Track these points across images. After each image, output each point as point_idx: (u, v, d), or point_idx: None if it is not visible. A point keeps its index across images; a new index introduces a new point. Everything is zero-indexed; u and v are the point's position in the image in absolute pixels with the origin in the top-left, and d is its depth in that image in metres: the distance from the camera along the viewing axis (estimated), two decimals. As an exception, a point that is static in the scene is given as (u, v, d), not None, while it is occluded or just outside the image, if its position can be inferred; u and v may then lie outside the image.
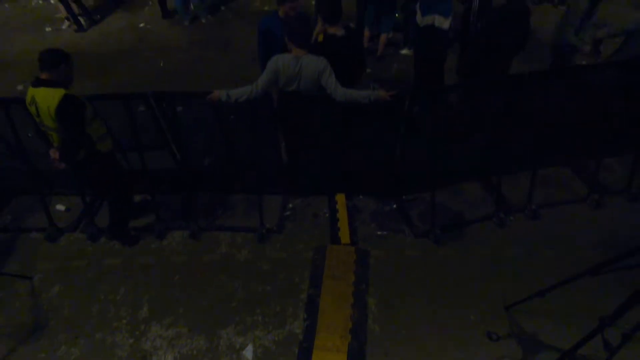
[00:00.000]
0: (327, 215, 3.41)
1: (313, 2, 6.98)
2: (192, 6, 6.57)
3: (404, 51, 5.50)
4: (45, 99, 2.38)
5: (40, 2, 7.60)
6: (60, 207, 3.62)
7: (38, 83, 2.43)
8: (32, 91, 2.45)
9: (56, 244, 3.32)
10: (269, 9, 6.82)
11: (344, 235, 3.20)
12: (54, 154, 2.55)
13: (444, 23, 3.39)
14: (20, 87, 5.32)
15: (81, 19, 6.62)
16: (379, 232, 3.27)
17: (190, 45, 6.08)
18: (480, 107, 3.49)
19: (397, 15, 5.65)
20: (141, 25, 6.70)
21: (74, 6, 6.47)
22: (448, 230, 3.25)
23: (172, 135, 3.19)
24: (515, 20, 3.37)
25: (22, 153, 3.26)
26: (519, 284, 2.73)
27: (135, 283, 2.98)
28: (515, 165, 3.61)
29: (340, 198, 3.50)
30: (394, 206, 3.49)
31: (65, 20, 6.72)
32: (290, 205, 3.54)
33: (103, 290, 2.95)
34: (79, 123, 2.46)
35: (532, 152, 3.34)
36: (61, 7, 6.47)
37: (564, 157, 3.76)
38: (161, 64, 5.64)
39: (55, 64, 2.40)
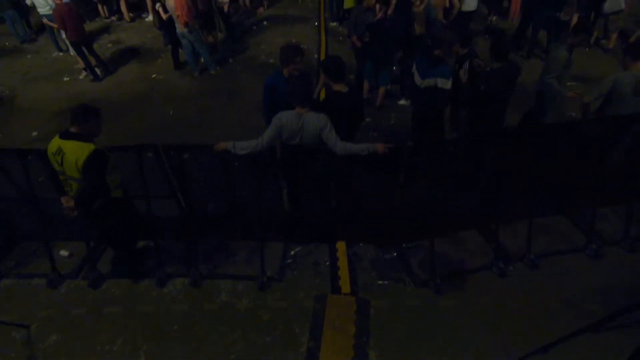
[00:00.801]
0: (327, 263, 3.44)
1: (315, 56, 7.51)
2: (202, 59, 7.02)
3: (402, 102, 5.79)
4: (74, 151, 2.50)
5: (61, 54, 8.15)
6: (63, 252, 3.66)
7: (67, 136, 2.57)
8: (59, 142, 2.57)
9: (57, 291, 3.32)
10: (274, 61, 7.28)
11: (345, 284, 3.21)
12: (68, 202, 2.62)
13: (447, 84, 3.55)
14: (34, 134, 5.57)
15: (97, 70, 7.07)
16: (379, 282, 3.28)
17: (199, 95, 6.43)
18: (477, 158, 3.63)
19: (394, 68, 6.04)
20: (153, 75, 7.12)
21: (91, 58, 6.94)
22: (448, 280, 3.25)
23: (178, 184, 3.32)
24: (511, 80, 3.62)
25: (33, 199, 3.37)
26: (521, 336, 2.70)
27: (134, 334, 2.95)
28: (513, 213, 3.68)
29: (341, 246, 3.55)
30: (394, 254, 3.52)
31: (83, 71, 7.17)
32: (292, 253, 3.57)
33: (100, 341, 2.91)
34: (103, 175, 2.60)
35: (529, 201, 3.43)
36: (79, 58, 6.94)
37: (560, 206, 3.84)
38: (170, 112, 5.92)
39: (86, 119, 2.56)
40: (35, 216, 3.50)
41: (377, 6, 5.12)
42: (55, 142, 2.59)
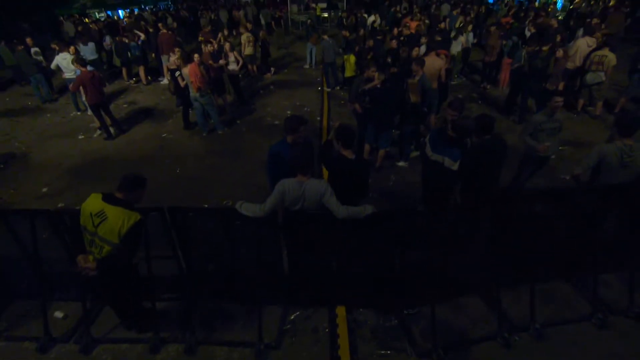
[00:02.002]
0: (327, 330, 3.35)
1: (318, 119, 7.93)
2: (211, 120, 7.43)
3: (401, 163, 6.01)
4: (119, 217, 2.56)
5: (79, 113, 8.67)
6: (58, 314, 3.59)
7: (113, 201, 2.64)
8: (103, 205, 2.62)
9: (47, 356, 3.21)
10: (279, 123, 7.69)
11: (344, 353, 3.10)
12: (86, 262, 2.61)
13: (453, 165, 3.65)
14: (44, 190, 5.74)
15: (111, 129, 7.46)
16: (380, 351, 3.16)
17: (207, 154, 6.70)
18: (473, 224, 3.69)
19: (393, 131, 6.35)
20: (164, 135, 7.50)
21: (106, 118, 7.37)
22: (451, 350, 3.14)
23: (179, 243, 3.36)
24: (497, 153, 3.80)
25: (36, 257, 3.39)
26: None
27: (122, 405, 2.80)
28: (513, 278, 3.65)
29: (341, 311, 3.48)
30: (395, 321, 3.43)
31: (98, 130, 7.57)
32: (291, 317, 3.49)
33: (86, 413, 2.76)
34: (140, 242, 2.70)
35: (529, 266, 3.43)
36: (96, 118, 7.37)
37: (561, 272, 3.81)
38: (177, 170, 6.14)
39: (134, 187, 2.68)
40: (32, 275, 3.50)
41: (376, 75, 5.53)
42: (98, 204, 2.63)
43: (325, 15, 19.44)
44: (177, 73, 7.07)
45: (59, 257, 3.42)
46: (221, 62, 8.05)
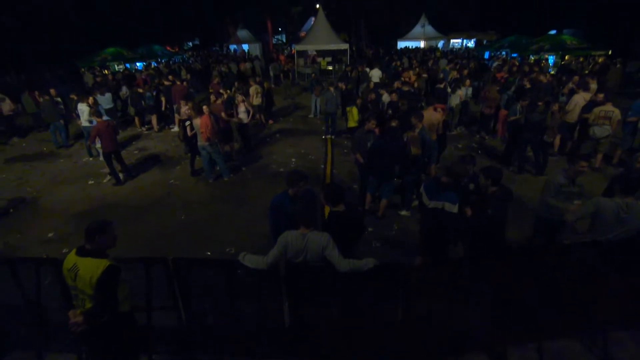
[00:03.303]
0: (327, 389, 3.21)
1: (322, 166, 8.14)
2: (217, 167, 7.66)
3: (403, 212, 6.07)
4: (89, 269, 2.60)
5: (91, 159, 8.99)
6: (53, 366, 3.50)
7: (83, 252, 2.70)
8: (75, 259, 2.69)
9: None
10: (284, 170, 7.90)
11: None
12: (75, 317, 2.59)
13: (453, 208, 3.74)
14: (50, 235, 5.81)
15: (121, 175, 7.69)
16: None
17: (211, 200, 6.83)
18: (480, 277, 3.66)
19: (395, 180, 6.50)
20: (171, 181, 7.70)
21: (117, 164, 7.62)
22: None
23: (181, 295, 3.35)
24: (506, 202, 3.89)
25: (37, 306, 3.38)
26: None
27: None
28: (520, 334, 3.54)
29: (342, 368, 3.35)
30: (399, 380, 3.29)
31: (108, 175, 7.80)
32: (290, 374, 3.37)
33: None
34: (115, 290, 2.66)
35: (536, 322, 3.34)
36: (107, 164, 7.62)
37: (571, 328, 3.70)
38: (182, 217, 6.23)
39: (98, 235, 2.71)
40: (30, 324, 3.46)
41: (377, 130, 5.79)
42: (72, 259, 2.70)
43: (330, 68, 20.61)
44: (187, 122, 7.44)
45: (58, 306, 3.41)
46: (234, 120, 8.54)
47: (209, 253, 5.17)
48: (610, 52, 16.84)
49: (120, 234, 2.81)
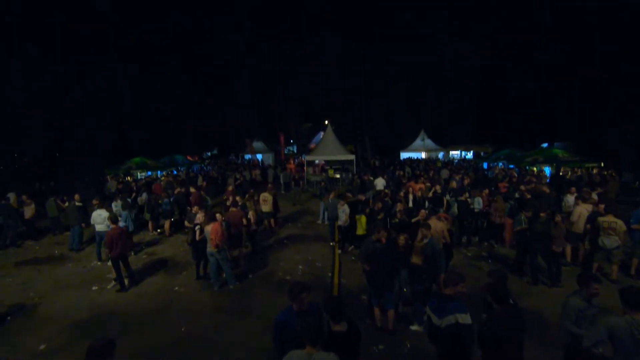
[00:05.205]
0: None
1: (330, 274, 7.99)
2: (224, 274, 7.57)
3: (414, 327, 5.70)
4: None
5: (99, 263, 9.04)
6: None
7: None
8: None
9: None
10: (290, 278, 7.76)
11: None
12: None
13: (467, 318, 3.53)
14: (42, 347, 5.51)
15: (126, 280, 7.61)
16: None
17: (215, 310, 6.57)
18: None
19: (404, 290, 6.28)
20: (176, 288, 7.55)
21: (124, 270, 7.62)
22: None
23: None
24: (518, 322, 3.68)
25: None
26: None
27: None
28: None
29: None
30: None
31: (113, 281, 7.73)
32: None
33: None
34: None
35: None
36: (114, 269, 7.62)
37: None
38: (183, 329, 5.93)
39: (101, 356, 2.67)
40: None
41: (383, 239, 5.90)
42: None
43: (337, 176, 21.86)
44: (197, 227, 7.67)
45: None
46: (252, 228, 8.84)
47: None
48: (602, 164, 17.78)
49: (118, 348, 2.73)
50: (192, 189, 12.42)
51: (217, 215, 7.41)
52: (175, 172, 22.24)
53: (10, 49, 24.45)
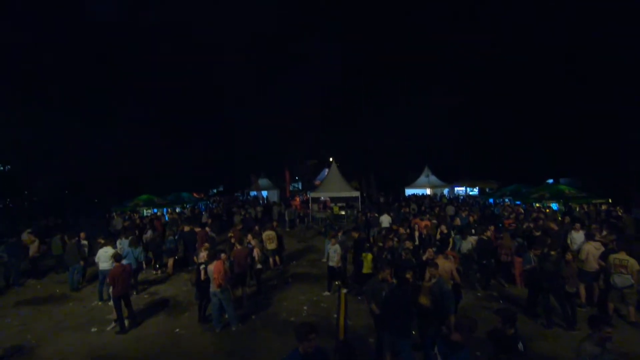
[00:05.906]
0: None
1: (335, 316, 7.73)
2: (226, 315, 7.36)
3: (425, 374, 5.42)
4: None
5: (100, 303, 8.86)
6: None
7: None
8: None
9: None
10: (294, 319, 7.52)
11: None
12: None
13: None
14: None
15: (126, 321, 7.42)
16: None
17: (215, 354, 6.33)
18: None
19: (412, 332, 6.02)
20: (177, 330, 7.32)
21: (125, 310, 7.45)
22: None
23: None
24: None
25: None
26: None
27: None
28: None
29: None
30: None
31: (113, 322, 7.54)
32: None
33: None
34: None
35: None
36: (115, 310, 7.46)
37: None
38: (182, 376, 5.70)
39: None
40: None
41: (389, 277, 5.77)
42: None
43: (342, 213, 21.77)
44: (202, 266, 7.58)
45: None
46: (256, 266, 8.73)
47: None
48: (610, 200, 17.56)
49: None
50: (196, 229, 12.37)
51: (223, 255, 7.34)
52: (179, 210, 22.29)
53: (24, 95, 25.63)
